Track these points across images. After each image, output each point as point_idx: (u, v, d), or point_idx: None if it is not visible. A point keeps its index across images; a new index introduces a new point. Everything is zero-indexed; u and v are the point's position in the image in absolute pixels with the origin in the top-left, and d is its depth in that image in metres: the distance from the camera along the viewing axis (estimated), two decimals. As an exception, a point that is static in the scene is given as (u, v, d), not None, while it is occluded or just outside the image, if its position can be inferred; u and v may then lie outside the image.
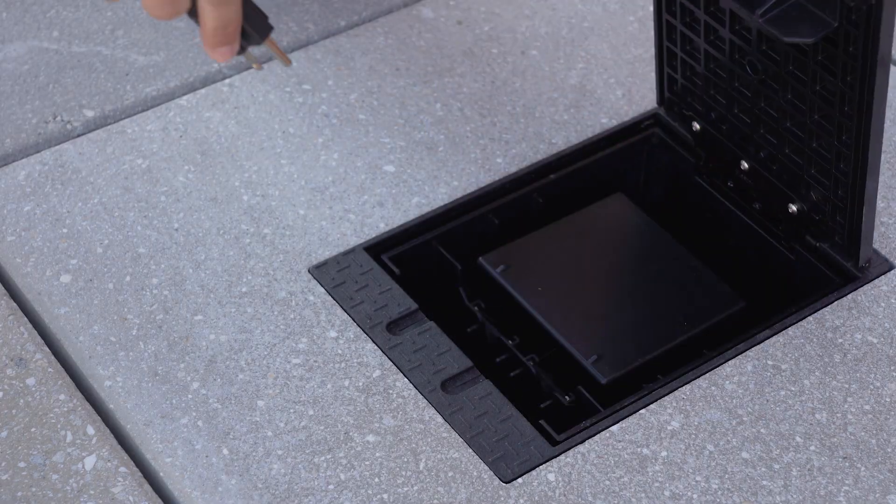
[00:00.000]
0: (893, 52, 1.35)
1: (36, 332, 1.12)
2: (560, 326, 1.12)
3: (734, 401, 1.05)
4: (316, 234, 1.18)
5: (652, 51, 1.35)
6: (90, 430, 1.05)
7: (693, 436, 1.03)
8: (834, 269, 1.14)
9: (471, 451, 1.03)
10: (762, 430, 1.03)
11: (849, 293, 1.12)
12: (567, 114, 1.29)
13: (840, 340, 1.09)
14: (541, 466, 1.02)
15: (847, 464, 1.02)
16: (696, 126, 1.18)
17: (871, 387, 1.06)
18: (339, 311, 1.12)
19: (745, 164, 1.15)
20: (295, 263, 1.16)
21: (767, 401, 1.05)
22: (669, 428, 1.04)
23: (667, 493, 1.00)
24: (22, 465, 1.03)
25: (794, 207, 1.13)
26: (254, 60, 0.99)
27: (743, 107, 1.12)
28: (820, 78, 1.03)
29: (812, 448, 1.02)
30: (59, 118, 1.29)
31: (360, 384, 1.07)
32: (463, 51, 1.36)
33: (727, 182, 1.19)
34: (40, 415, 1.06)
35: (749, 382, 1.06)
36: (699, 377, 1.07)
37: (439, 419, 1.05)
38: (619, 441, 1.03)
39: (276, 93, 1.31)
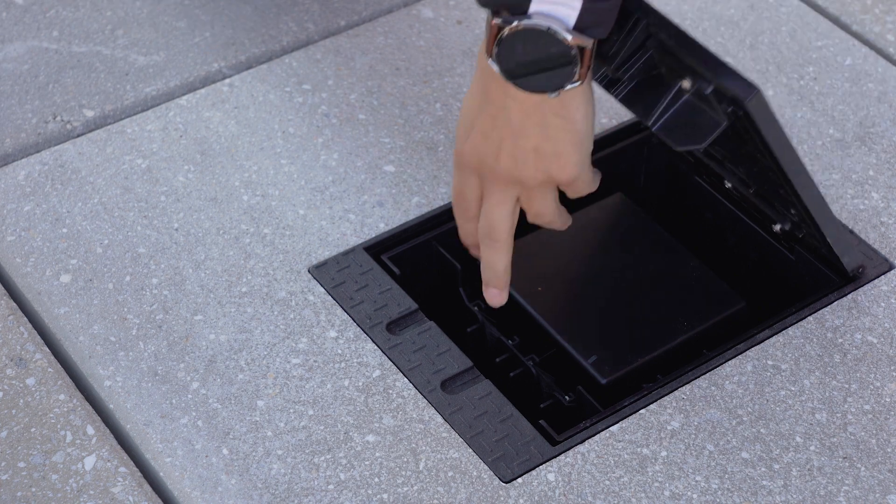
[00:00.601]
0: (892, 48, 1.35)
1: (36, 332, 1.12)
2: (560, 326, 1.12)
3: (734, 401, 1.05)
4: (316, 233, 1.18)
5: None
6: (90, 430, 1.05)
7: (693, 436, 1.03)
8: (834, 269, 1.14)
9: (471, 450, 1.03)
10: (762, 430, 1.03)
11: (849, 293, 1.12)
12: (567, 114, 1.29)
13: (840, 340, 1.09)
14: (541, 466, 1.02)
15: (847, 464, 1.01)
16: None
17: (871, 387, 1.06)
18: (339, 311, 1.12)
19: (727, 184, 1.16)
20: (295, 263, 1.16)
21: (767, 401, 1.05)
22: (669, 428, 1.04)
23: (667, 493, 1.00)
24: (22, 465, 1.03)
25: (776, 227, 1.14)
26: None
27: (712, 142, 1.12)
28: (743, 143, 1.03)
29: (812, 448, 1.02)
30: (59, 118, 1.29)
31: (360, 384, 1.07)
32: (463, 51, 1.36)
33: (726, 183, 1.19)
34: (40, 415, 1.06)
35: (749, 382, 1.06)
36: (699, 377, 1.07)
37: (439, 419, 1.05)
38: (619, 441, 1.03)
39: (276, 93, 1.31)
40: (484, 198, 1.01)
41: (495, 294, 1.06)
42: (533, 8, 0.92)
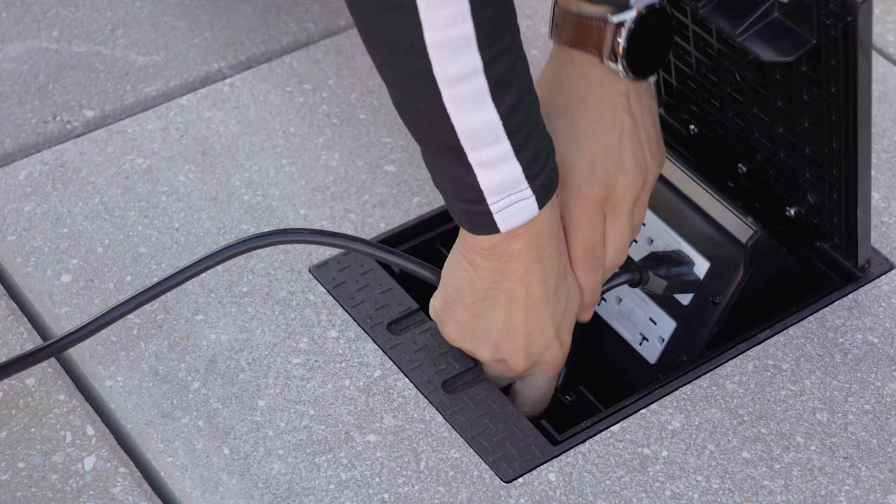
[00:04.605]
0: (892, 48, 1.35)
1: (36, 332, 1.12)
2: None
3: (735, 400, 1.05)
4: (316, 233, 1.18)
5: (652, 51, 1.34)
6: (90, 431, 1.05)
7: (694, 435, 1.03)
8: (834, 268, 1.14)
9: (471, 450, 1.03)
10: (763, 430, 1.03)
11: (849, 293, 1.12)
12: (567, 114, 1.29)
13: (841, 340, 1.09)
14: (541, 466, 1.02)
15: (848, 464, 1.02)
16: (694, 129, 1.18)
17: (872, 387, 1.06)
18: (340, 310, 1.12)
19: (742, 168, 1.15)
20: (295, 263, 1.16)
21: (768, 400, 1.05)
22: (670, 428, 1.04)
23: (667, 493, 1.00)
24: (22, 465, 1.03)
25: (791, 211, 1.13)
26: None
27: (737, 112, 1.12)
28: (806, 88, 1.03)
29: (813, 448, 1.02)
30: (59, 118, 1.29)
31: (361, 384, 1.07)
32: (463, 51, 1.35)
33: (727, 182, 1.19)
34: (40, 415, 1.06)
35: (750, 382, 1.06)
36: (700, 377, 1.07)
37: (440, 419, 1.05)
38: (620, 441, 1.03)
39: (277, 92, 1.31)
40: (610, 228, 1.02)
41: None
42: None
